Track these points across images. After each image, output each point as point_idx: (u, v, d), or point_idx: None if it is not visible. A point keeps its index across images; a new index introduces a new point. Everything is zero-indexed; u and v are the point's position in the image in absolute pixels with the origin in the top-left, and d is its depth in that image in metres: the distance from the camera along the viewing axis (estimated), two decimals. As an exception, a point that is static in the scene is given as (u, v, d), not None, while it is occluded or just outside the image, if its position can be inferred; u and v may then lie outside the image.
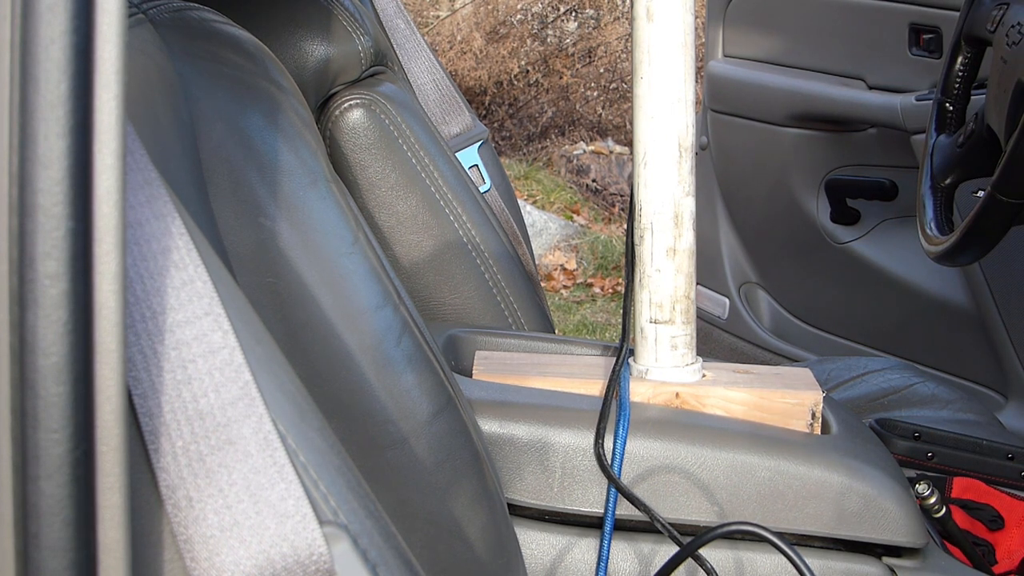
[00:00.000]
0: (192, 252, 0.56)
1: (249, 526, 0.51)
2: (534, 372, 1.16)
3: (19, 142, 0.45)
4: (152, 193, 0.56)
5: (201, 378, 0.53)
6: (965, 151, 1.43)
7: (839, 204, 2.22)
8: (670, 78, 1.08)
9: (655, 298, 1.11)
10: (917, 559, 1.08)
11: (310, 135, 0.98)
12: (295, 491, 0.52)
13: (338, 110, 1.34)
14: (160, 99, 0.82)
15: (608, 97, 5.57)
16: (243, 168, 0.91)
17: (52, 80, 0.45)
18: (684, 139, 1.10)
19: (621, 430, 1.06)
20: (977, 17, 1.46)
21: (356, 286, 0.95)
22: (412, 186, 1.37)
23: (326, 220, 0.95)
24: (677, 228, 1.10)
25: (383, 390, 0.93)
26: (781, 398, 1.11)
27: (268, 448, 0.53)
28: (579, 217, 4.56)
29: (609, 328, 3.65)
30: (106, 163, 0.47)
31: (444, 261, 1.38)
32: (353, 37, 1.33)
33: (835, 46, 2.15)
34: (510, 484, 1.07)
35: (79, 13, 0.46)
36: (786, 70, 2.25)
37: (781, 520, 1.05)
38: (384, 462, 0.93)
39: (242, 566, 0.51)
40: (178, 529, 0.51)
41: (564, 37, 5.73)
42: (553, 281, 4.06)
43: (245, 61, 0.96)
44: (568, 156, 5.04)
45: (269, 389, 0.55)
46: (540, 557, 1.08)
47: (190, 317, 0.54)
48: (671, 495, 1.06)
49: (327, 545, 0.52)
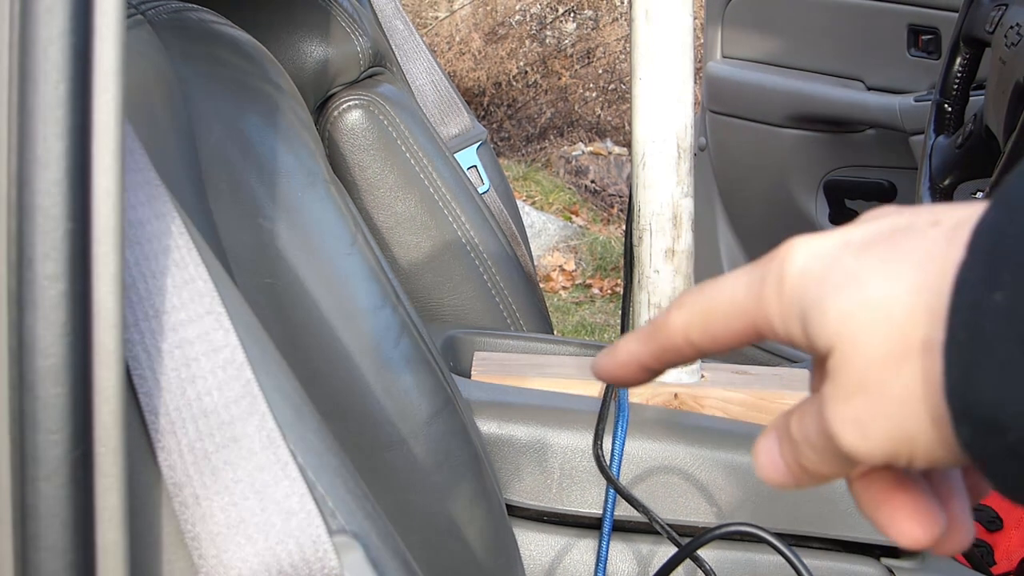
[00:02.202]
0: (192, 251, 0.56)
1: (255, 523, 0.51)
2: (533, 373, 1.16)
3: (18, 143, 0.45)
4: (152, 193, 0.56)
5: (204, 376, 0.53)
6: (964, 152, 1.43)
7: (838, 205, 2.23)
8: (669, 79, 1.08)
9: (654, 299, 1.11)
10: (915, 560, 1.09)
11: (309, 136, 0.98)
12: (299, 488, 0.53)
13: (337, 111, 1.34)
14: (159, 100, 0.82)
15: (607, 98, 5.57)
16: (242, 169, 0.91)
17: (51, 81, 0.45)
18: (683, 140, 1.10)
19: (620, 431, 1.06)
20: (976, 18, 1.46)
21: (355, 287, 0.95)
22: (411, 187, 1.37)
23: (325, 221, 0.95)
24: (676, 229, 1.10)
25: (382, 391, 0.93)
26: (780, 399, 1.11)
27: (271, 446, 0.53)
28: (578, 218, 4.56)
29: (608, 329, 3.65)
30: (105, 164, 0.47)
31: (443, 262, 1.38)
32: (352, 38, 1.33)
33: (834, 47, 2.15)
34: (509, 485, 1.07)
35: (77, 14, 0.46)
36: (785, 71, 2.25)
37: (779, 521, 1.05)
38: (382, 463, 0.93)
39: (249, 563, 0.51)
40: (185, 527, 0.51)
41: (563, 38, 5.73)
42: (552, 282, 4.06)
43: (244, 62, 0.97)
44: (567, 157, 5.04)
45: (266, 390, 0.55)
46: (539, 558, 1.08)
47: (192, 316, 0.54)
48: (669, 496, 1.06)
49: (331, 542, 0.52)
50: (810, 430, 0.39)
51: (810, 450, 0.39)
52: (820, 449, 0.38)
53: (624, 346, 0.44)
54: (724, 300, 0.41)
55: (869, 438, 0.36)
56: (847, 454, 0.37)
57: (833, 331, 0.37)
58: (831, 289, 0.37)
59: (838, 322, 0.37)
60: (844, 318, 0.36)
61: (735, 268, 2.22)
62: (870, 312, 0.36)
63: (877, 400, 0.36)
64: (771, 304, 0.39)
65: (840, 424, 0.37)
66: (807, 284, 0.38)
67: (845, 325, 0.36)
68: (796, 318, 0.38)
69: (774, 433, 0.41)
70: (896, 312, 0.36)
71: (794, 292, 0.38)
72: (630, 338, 0.44)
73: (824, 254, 0.38)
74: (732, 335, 0.41)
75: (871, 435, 0.36)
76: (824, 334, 0.37)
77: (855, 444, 0.37)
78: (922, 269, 0.36)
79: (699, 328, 0.42)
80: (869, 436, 0.36)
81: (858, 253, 0.37)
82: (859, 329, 0.36)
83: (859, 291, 0.36)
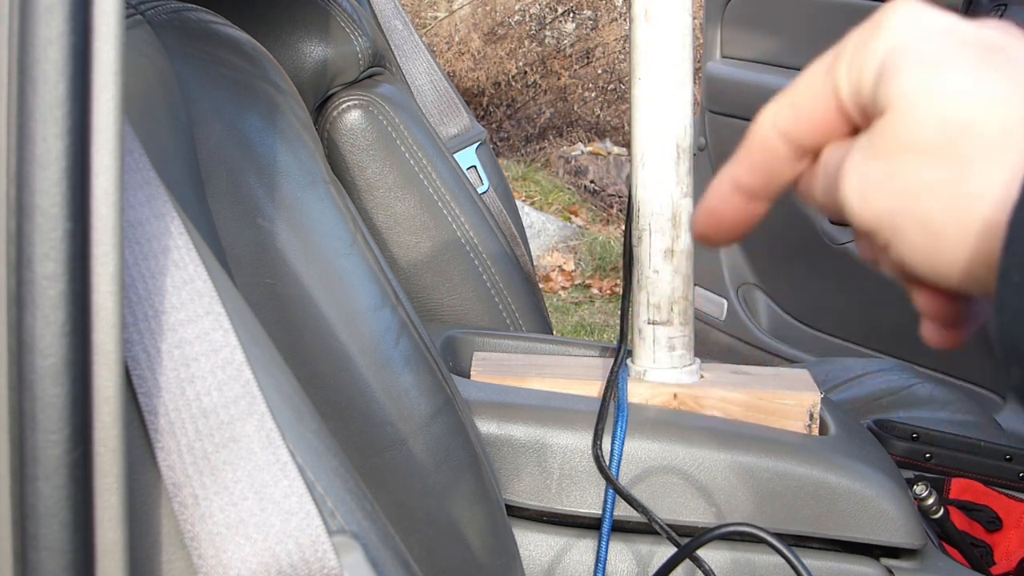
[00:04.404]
0: (191, 251, 0.56)
1: (254, 523, 0.51)
2: (532, 373, 1.16)
3: (17, 143, 0.45)
4: (151, 193, 0.56)
5: (204, 376, 0.53)
6: (963, 152, 1.43)
7: (837, 205, 2.23)
8: (668, 79, 1.08)
9: (653, 299, 1.11)
10: (915, 560, 1.08)
11: (308, 136, 0.98)
12: (298, 488, 0.53)
13: (336, 111, 1.34)
14: (158, 100, 0.82)
15: (606, 98, 5.57)
16: (241, 169, 0.91)
17: (50, 81, 0.45)
18: (682, 140, 1.10)
19: (619, 431, 1.06)
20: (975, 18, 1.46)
21: (354, 287, 0.95)
22: (410, 187, 1.37)
23: (324, 221, 0.95)
24: (675, 229, 1.10)
25: (381, 391, 0.93)
26: (779, 399, 1.11)
27: (271, 446, 0.53)
28: (577, 218, 4.56)
29: (607, 329, 3.65)
30: (104, 164, 0.47)
31: (442, 262, 1.38)
32: (351, 38, 1.33)
33: (833, 47, 2.15)
34: (508, 485, 1.07)
35: (77, 14, 0.46)
36: (784, 71, 2.25)
37: (779, 521, 1.05)
38: (382, 463, 0.93)
39: (248, 563, 0.51)
40: (184, 527, 0.51)
41: (562, 38, 5.73)
42: (551, 282, 4.06)
43: (243, 62, 0.97)
44: (566, 157, 5.04)
45: (266, 390, 0.55)
46: (538, 558, 1.08)
47: (191, 316, 0.54)
48: (669, 496, 1.06)
49: (330, 542, 0.52)
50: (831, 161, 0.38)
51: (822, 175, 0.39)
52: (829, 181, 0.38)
53: (718, 176, 0.42)
54: (807, 74, 0.40)
55: (866, 205, 0.36)
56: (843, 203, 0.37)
57: (901, 93, 0.36)
58: (917, 62, 0.36)
59: (910, 87, 0.36)
60: (917, 89, 0.36)
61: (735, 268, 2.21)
62: (942, 95, 0.35)
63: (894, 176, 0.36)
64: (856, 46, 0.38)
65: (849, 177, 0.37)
66: (900, 46, 0.37)
67: (915, 94, 0.36)
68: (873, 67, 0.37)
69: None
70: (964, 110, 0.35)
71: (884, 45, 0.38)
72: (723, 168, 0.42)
73: (929, 28, 0.37)
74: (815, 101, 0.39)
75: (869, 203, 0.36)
76: (892, 92, 0.36)
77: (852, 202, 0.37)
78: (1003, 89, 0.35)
79: (785, 107, 0.40)
80: (867, 204, 0.36)
81: (958, 45, 0.37)
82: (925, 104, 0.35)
83: (942, 76, 0.36)
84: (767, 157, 0.40)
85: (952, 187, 0.34)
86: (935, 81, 0.36)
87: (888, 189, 0.36)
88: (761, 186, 0.41)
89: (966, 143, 0.34)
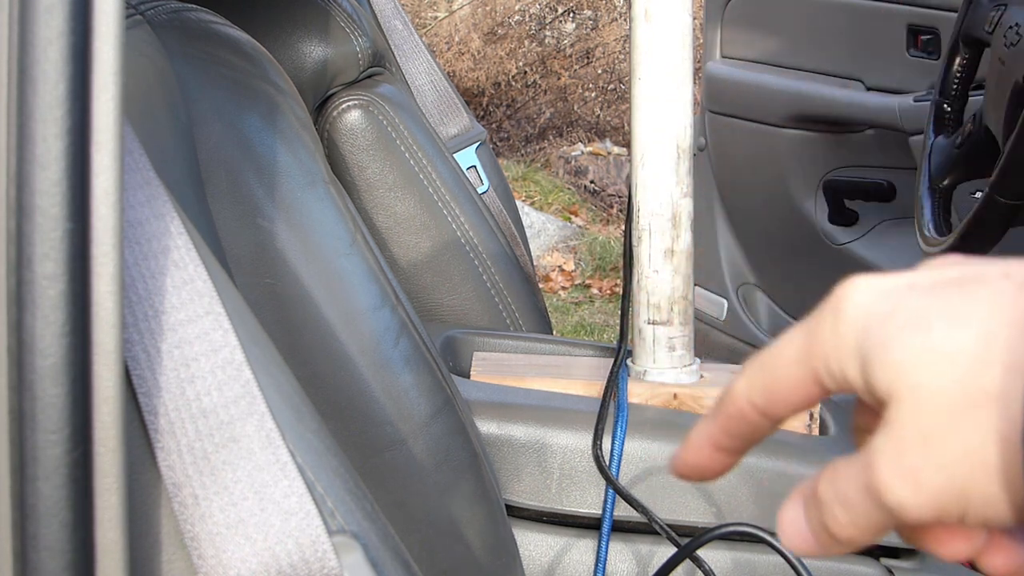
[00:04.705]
0: (191, 251, 0.56)
1: (254, 523, 0.51)
2: (532, 373, 1.16)
3: (17, 143, 0.45)
4: (151, 193, 0.56)
5: (204, 376, 0.53)
6: (963, 152, 1.43)
7: (837, 205, 2.22)
8: (668, 79, 1.08)
9: (653, 299, 1.11)
10: (915, 560, 1.09)
11: (308, 136, 0.98)
12: (298, 488, 0.53)
13: (336, 111, 1.34)
14: (158, 100, 0.82)
15: (606, 98, 5.57)
16: (241, 169, 0.91)
17: (50, 81, 0.45)
18: (682, 140, 1.10)
19: (619, 431, 1.06)
20: (975, 18, 1.46)
21: (354, 287, 0.95)
22: (410, 187, 1.37)
23: (324, 221, 0.95)
24: (675, 229, 1.10)
25: (381, 391, 0.93)
26: (779, 399, 1.11)
27: (271, 446, 0.53)
28: (577, 218, 4.56)
29: (607, 329, 3.65)
30: (104, 164, 0.47)
31: (442, 262, 1.38)
32: (351, 38, 1.33)
33: (833, 47, 2.15)
34: (508, 485, 1.07)
35: (77, 14, 0.46)
36: (784, 71, 2.25)
37: (779, 521, 1.05)
38: (382, 463, 0.93)
39: (248, 563, 0.51)
40: (184, 527, 0.51)
41: (562, 38, 5.73)
42: (551, 282, 4.06)
43: (243, 62, 0.97)
44: (566, 157, 5.04)
45: (266, 390, 0.55)
46: (538, 558, 1.08)
47: (191, 316, 0.54)
48: (669, 496, 1.06)
49: (330, 542, 0.52)
50: (846, 487, 0.37)
51: (842, 510, 0.37)
52: (856, 506, 0.37)
53: (695, 430, 0.42)
54: (781, 351, 0.39)
55: (922, 491, 0.35)
56: (892, 508, 0.35)
57: (894, 375, 0.35)
58: (895, 330, 0.36)
59: (900, 365, 0.35)
60: (907, 362, 0.35)
61: (735, 268, 2.21)
62: (935, 357, 0.35)
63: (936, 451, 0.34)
64: (826, 341, 0.38)
65: (890, 476, 0.35)
66: (869, 323, 0.37)
67: (908, 370, 0.35)
68: (854, 358, 0.37)
69: (799, 499, 0.39)
70: (962, 359, 0.34)
71: (853, 329, 0.37)
72: (700, 421, 0.42)
73: (888, 293, 0.37)
74: (793, 387, 0.39)
75: (924, 488, 0.35)
76: (885, 378, 0.35)
77: (905, 497, 0.35)
78: (992, 318, 0.35)
79: (759, 387, 0.40)
80: (922, 489, 0.35)
81: (924, 295, 0.36)
82: (923, 375, 0.35)
83: (925, 334, 0.35)
84: (739, 424, 0.41)
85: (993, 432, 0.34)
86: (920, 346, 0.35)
87: (936, 462, 0.35)
88: (737, 446, 0.42)
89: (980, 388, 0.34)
